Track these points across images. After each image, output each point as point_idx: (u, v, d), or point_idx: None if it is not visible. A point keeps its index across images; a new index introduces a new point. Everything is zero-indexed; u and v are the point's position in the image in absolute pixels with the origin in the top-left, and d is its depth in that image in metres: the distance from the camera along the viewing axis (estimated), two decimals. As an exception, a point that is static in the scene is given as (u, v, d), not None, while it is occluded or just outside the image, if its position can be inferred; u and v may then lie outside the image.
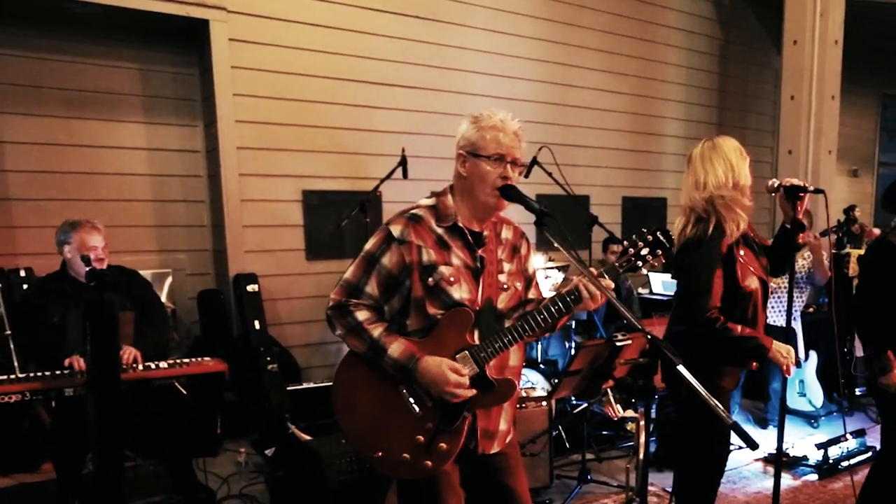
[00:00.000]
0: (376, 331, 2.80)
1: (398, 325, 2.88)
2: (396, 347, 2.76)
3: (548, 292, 4.12)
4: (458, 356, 2.80)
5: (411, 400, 2.83)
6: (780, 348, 3.73)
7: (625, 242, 2.87)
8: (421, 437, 2.81)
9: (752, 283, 3.78)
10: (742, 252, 3.76)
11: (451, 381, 2.71)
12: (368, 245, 2.90)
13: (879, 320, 4.21)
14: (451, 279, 2.81)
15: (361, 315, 2.84)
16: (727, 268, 3.73)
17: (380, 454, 2.86)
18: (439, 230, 2.87)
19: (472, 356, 2.80)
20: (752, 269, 3.78)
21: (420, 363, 2.73)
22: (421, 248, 2.82)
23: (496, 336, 2.82)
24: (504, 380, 2.87)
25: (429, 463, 2.82)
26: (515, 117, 2.92)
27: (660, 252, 2.81)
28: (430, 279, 2.80)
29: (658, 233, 2.80)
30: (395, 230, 2.84)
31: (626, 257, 2.83)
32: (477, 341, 2.84)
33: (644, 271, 2.85)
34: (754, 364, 3.90)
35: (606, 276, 2.82)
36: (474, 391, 2.78)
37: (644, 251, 2.81)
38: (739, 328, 3.69)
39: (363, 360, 2.88)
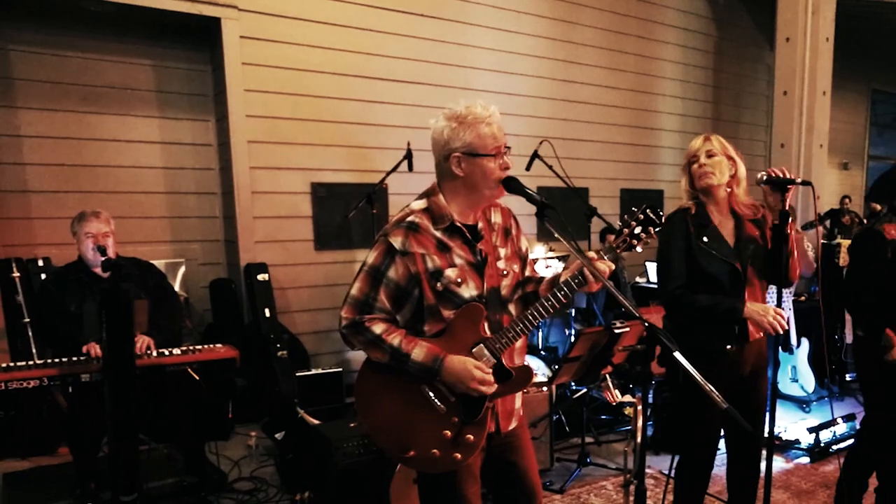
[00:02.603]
0: (395, 339, 2.72)
1: (413, 331, 2.80)
2: (419, 352, 2.70)
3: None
4: (474, 350, 2.75)
5: (434, 398, 2.77)
6: (755, 307, 3.68)
7: (618, 223, 2.82)
8: (448, 432, 2.76)
9: (715, 266, 3.78)
10: (706, 238, 3.79)
11: (476, 377, 2.66)
12: (370, 259, 2.80)
13: (872, 303, 4.23)
14: (459, 280, 2.75)
15: (378, 328, 2.75)
16: (688, 252, 3.82)
17: (412, 454, 2.80)
18: (438, 233, 2.79)
19: (488, 348, 2.75)
20: (714, 252, 3.78)
21: (445, 362, 2.67)
22: (424, 255, 2.74)
23: (509, 326, 2.77)
24: (521, 367, 2.83)
25: (458, 455, 2.76)
26: (492, 104, 2.80)
27: (651, 229, 2.75)
28: (439, 284, 2.73)
29: (648, 210, 2.72)
30: (396, 242, 2.75)
31: (622, 237, 2.75)
32: (488, 332, 2.79)
33: (639, 249, 2.80)
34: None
35: (606, 258, 2.78)
36: (497, 386, 2.74)
37: (637, 230, 2.73)
38: (706, 296, 3.74)
39: (381, 365, 2.81)
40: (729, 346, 3.79)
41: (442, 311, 2.76)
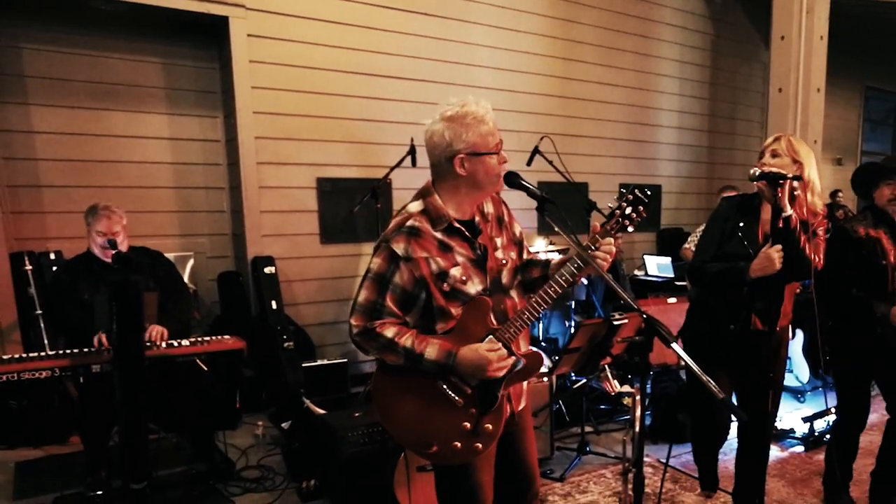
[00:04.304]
0: (408, 341, 2.69)
1: (425, 331, 2.77)
2: (432, 350, 2.67)
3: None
4: (485, 342, 2.73)
5: (450, 392, 2.75)
6: (756, 262, 3.70)
7: (609, 205, 2.79)
8: (467, 424, 2.74)
9: (735, 248, 3.85)
10: (741, 224, 3.91)
11: (492, 359, 2.64)
12: (374, 266, 2.76)
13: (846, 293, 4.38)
14: (463, 278, 2.73)
15: (389, 332, 2.72)
16: (722, 233, 3.98)
17: (434, 449, 2.78)
18: (438, 235, 2.76)
19: (498, 339, 2.72)
20: (740, 235, 3.86)
21: (458, 356, 2.65)
22: (428, 259, 2.71)
23: (516, 315, 2.75)
24: (531, 353, 2.81)
25: (479, 445, 2.75)
26: (485, 101, 2.81)
27: (641, 208, 2.72)
28: (445, 285, 2.71)
29: (636, 191, 2.70)
30: (399, 248, 2.71)
31: (614, 220, 2.72)
32: (495, 323, 2.77)
33: (630, 230, 2.77)
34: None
35: (601, 241, 2.73)
36: (514, 357, 2.73)
37: (628, 210, 2.70)
38: (719, 263, 3.87)
39: (394, 367, 2.79)
40: (732, 326, 3.80)
41: (452, 310, 2.74)
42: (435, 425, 2.78)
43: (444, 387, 2.75)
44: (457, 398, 2.75)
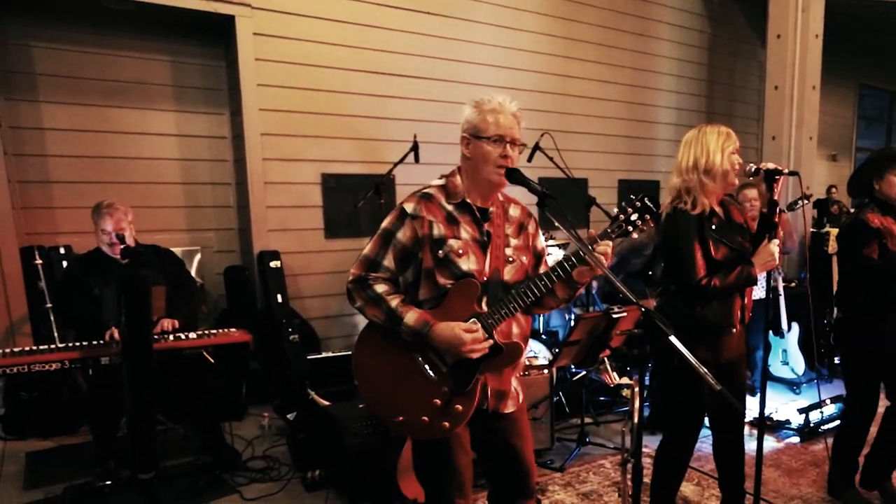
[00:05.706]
0: (394, 301, 2.78)
1: (411, 296, 2.84)
2: (412, 316, 2.73)
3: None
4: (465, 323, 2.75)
5: (426, 366, 2.79)
6: (760, 259, 3.60)
7: (615, 209, 2.79)
8: (437, 401, 2.77)
9: (726, 252, 3.66)
10: (714, 227, 3.64)
11: (466, 340, 2.67)
12: (385, 223, 2.88)
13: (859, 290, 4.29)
14: (460, 251, 2.76)
15: (380, 288, 2.82)
16: (701, 241, 3.63)
17: (401, 418, 2.83)
18: (449, 207, 2.84)
19: (481, 323, 2.74)
20: (725, 241, 3.67)
21: (433, 329, 2.70)
22: (432, 222, 2.78)
23: (502, 303, 2.77)
24: (511, 343, 2.81)
25: (446, 424, 2.77)
26: (514, 100, 2.85)
27: (648, 217, 2.71)
28: (440, 251, 2.75)
29: (645, 199, 2.71)
30: (409, 207, 2.83)
31: (617, 223, 2.74)
32: (484, 308, 2.78)
33: (635, 236, 2.77)
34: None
35: (599, 243, 2.72)
36: (491, 341, 2.74)
37: (633, 216, 2.71)
38: (720, 276, 3.59)
39: (379, 334, 2.85)
40: (734, 329, 3.75)
41: (438, 277, 2.78)
42: (406, 396, 2.82)
43: (421, 361, 2.80)
44: (432, 374, 2.79)
